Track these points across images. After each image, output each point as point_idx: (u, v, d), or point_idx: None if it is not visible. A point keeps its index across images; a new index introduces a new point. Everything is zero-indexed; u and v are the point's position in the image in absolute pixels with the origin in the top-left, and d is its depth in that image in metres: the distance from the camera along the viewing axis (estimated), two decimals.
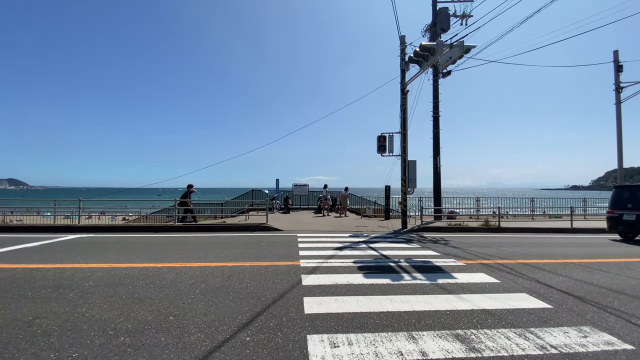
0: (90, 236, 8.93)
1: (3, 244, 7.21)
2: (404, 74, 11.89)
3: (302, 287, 4.35)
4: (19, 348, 2.63)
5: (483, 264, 5.95)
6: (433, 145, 14.81)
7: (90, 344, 2.70)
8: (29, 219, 13.42)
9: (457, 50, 8.91)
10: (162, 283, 4.42)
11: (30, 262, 5.53)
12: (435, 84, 14.79)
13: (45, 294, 3.92)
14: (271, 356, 2.54)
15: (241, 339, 2.84)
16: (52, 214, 13.32)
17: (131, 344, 2.72)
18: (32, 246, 7.12)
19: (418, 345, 2.74)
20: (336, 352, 2.62)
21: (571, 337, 2.94)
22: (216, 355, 2.55)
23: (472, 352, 2.63)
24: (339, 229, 11.16)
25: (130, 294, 3.95)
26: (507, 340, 2.86)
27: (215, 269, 5.28)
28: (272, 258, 6.15)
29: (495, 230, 11.61)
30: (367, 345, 2.73)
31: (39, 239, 8.05)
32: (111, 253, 6.46)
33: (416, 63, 9.94)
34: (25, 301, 3.68)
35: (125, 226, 11.55)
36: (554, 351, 2.67)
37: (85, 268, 5.21)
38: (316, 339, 2.84)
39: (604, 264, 6.06)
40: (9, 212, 15.22)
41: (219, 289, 4.20)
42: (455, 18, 13.91)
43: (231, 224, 11.51)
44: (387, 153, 12.07)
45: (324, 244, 7.81)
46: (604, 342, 2.85)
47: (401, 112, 11.83)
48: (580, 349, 2.72)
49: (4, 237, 8.34)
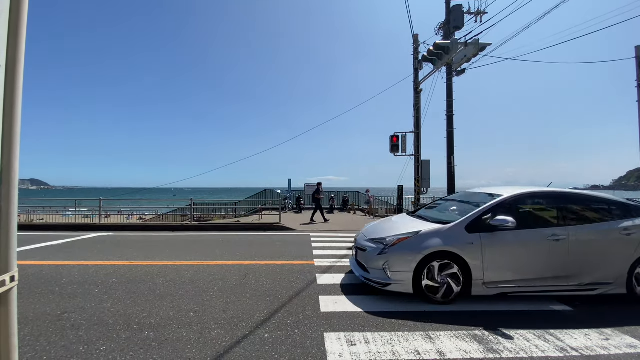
0: (111, 234, 9.21)
1: (29, 241, 7.52)
2: (417, 72, 11.81)
3: (317, 285, 4.40)
4: (50, 341, 2.77)
5: None
6: (447, 144, 14.63)
7: (117, 338, 2.82)
8: (51, 218, 13.92)
9: (471, 48, 8.81)
10: (181, 280, 4.55)
11: (56, 259, 5.76)
12: (449, 82, 14.61)
13: (72, 290, 4.09)
14: (290, 353, 2.60)
15: (260, 335, 2.91)
16: (73, 213, 13.78)
17: (155, 338, 2.83)
18: (57, 244, 7.40)
19: (435, 345, 2.75)
20: (353, 350, 2.66)
21: (592, 339, 2.89)
22: (236, 351, 2.63)
23: (490, 353, 2.62)
24: (351, 228, 11.16)
25: (152, 291, 4.09)
26: (526, 341, 2.84)
27: (232, 267, 5.39)
28: (286, 257, 6.22)
29: None
30: (384, 344, 2.76)
31: (62, 237, 8.35)
32: (131, 251, 6.66)
33: (430, 62, 9.85)
34: (54, 296, 3.86)
35: (143, 225, 11.86)
36: (574, 353, 2.64)
37: (108, 265, 5.39)
38: (333, 336, 2.89)
39: None
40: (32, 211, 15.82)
41: (236, 287, 4.29)
42: (469, 15, 13.71)
43: (245, 224, 11.66)
44: (400, 153, 12.00)
45: (337, 244, 7.84)
46: (627, 345, 2.80)
47: (414, 112, 11.75)
48: (602, 351, 2.68)
49: (29, 235, 8.69)
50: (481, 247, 3.77)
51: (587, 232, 3.93)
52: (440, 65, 9.90)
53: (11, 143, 1.04)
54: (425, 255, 3.75)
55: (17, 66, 1.05)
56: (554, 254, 3.83)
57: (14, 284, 1.07)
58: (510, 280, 3.81)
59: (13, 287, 1.07)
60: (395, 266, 3.85)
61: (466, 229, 3.87)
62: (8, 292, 1.05)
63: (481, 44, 8.74)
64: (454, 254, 3.76)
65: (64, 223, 11.71)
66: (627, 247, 3.90)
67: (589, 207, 4.19)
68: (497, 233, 3.84)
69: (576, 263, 3.84)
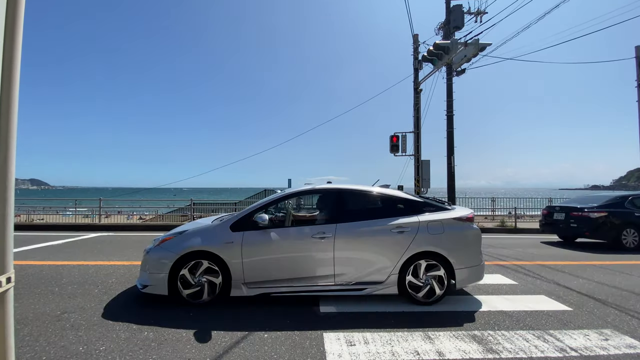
0: (111, 234, 9.22)
1: (29, 241, 7.52)
2: (417, 73, 11.81)
3: None
4: (49, 341, 2.76)
5: (499, 265, 5.87)
6: (447, 144, 14.61)
7: (117, 338, 2.82)
8: (51, 218, 13.93)
9: (471, 48, 8.80)
10: None
11: (56, 259, 5.76)
12: (449, 82, 14.60)
13: (72, 290, 4.09)
14: (289, 353, 2.60)
15: (259, 335, 2.91)
16: (73, 213, 13.78)
17: (155, 338, 2.83)
18: (57, 244, 7.41)
19: (434, 345, 2.74)
20: (353, 350, 2.65)
21: (592, 340, 2.89)
22: (235, 351, 2.62)
23: (489, 353, 2.62)
24: None
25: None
26: (525, 342, 2.83)
27: None
28: None
29: (512, 231, 11.39)
30: (384, 344, 2.75)
31: (62, 237, 8.36)
32: (131, 251, 6.67)
33: (430, 62, 9.84)
34: (53, 296, 3.86)
35: (143, 225, 11.87)
36: (574, 354, 2.63)
37: (107, 265, 5.40)
38: (332, 336, 2.88)
39: (627, 267, 5.88)
40: (32, 211, 15.81)
41: None
42: (469, 15, 13.69)
43: None
44: (400, 153, 11.98)
45: None
46: (626, 345, 2.79)
47: (414, 112, 11.75)
48: (601, 352, 2.67)
49: (29, 235, 8.69)
50: (241, 246, 3.63)
51: (357, 230, 3.77)
52: (440, 65, 9.89)
53: (7, 143, 1.03)
54: (180, 256, 3.57)
55: (13, 66, 1.05)
56: (320, 252, 3.69)
57: (10, 285, 1.07)
58: (272, 280, 3.66)
59: (9, 289, 1.06)
60: (153, 267, 3.66)
61: (231, 228, 3.73)
62: (4, 293, 1.04)
63: (481, 44, 8.73)
64: (212, 253, 3.61)
65: (64, 223, 11.71)
66: (399, 246, 3.72)
67: (368, 203, 4.08)
68: (260, 231, 3.71)
69: (343, 262, 3.69)
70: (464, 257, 3.81)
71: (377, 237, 3.77)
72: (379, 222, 3.84)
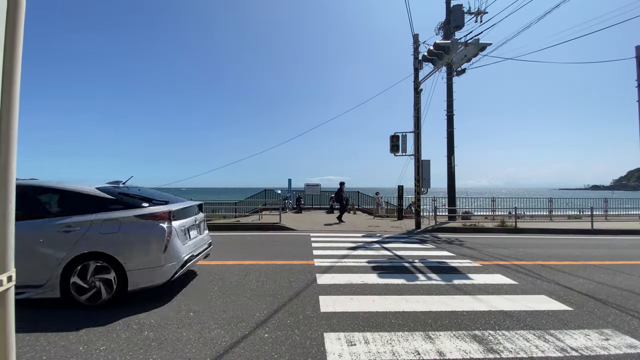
0: None
1: None
2: (417, 72, 11.80)
3: (317, 285, 4.40)
4: (50, 341, 2.77)
5: (500, 265, 5.87)
6: (447, 144, 14.62)
7: (117, 338, 2.82)
8: None
9: (472, 48, 8.79)
10: (180, 280, 4.54)
11: None
12: (450, 82, 14.61)
13: None
14: (290, 353, 2.60)
15: (260, 335, 2.91)
16: None
17: (155, 338, 2.83)
18: None
19: (435, 345, 2.74)
20: (353, 350, 2.65)
21: (592, 339, 2.89)
22: (236, 351, 2.62)
23: (490, 353, 2.62)
24: (352, 229, 11.16)
25: (151, 290, 4.07)
26: (525, 342, 2.83)
27: (232, 266, 5.39)
28: (286, 257, 6.22)
29: (512, 231, 11.38)
30: (384, 344, 2.75)
31: None
32: None
33: (430, 62, 9.83)
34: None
35: None
36: (574, 353, 2.63)
37: None
38: (333, 337, 2.88)
39: (627, 267, 5.88)
40: None
41: (236, 287, 4.29)
42: (469, 15, 13.69)
43: (245, 223, 11.66)
44: (400, 153, 11.97)
45: (337, 244, 7.83)
46: (627, 345, 2.79)
47: (414, 111, 11.74)
48: (602, 351, 2.67)
49: None
50: None
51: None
52: (440, 65, 9.89)
53: (8, 144, 1.03)
54: None
55: (13, 66, 1.05)
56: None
57: (11, 284, 1.07)
58: None
59: (10, 287, 1.06)
60: None
61: None
62: (5, 292, 1.04)
63: (481, 44, 8.72)
64: None
65: None
66: (63, 246, 3.49)
67: (38, 200, 3.80)
68: None
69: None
70: (139, 259, 3.62)
71: (39, 237, 3.50)
72: (43, 221, 3.60)
